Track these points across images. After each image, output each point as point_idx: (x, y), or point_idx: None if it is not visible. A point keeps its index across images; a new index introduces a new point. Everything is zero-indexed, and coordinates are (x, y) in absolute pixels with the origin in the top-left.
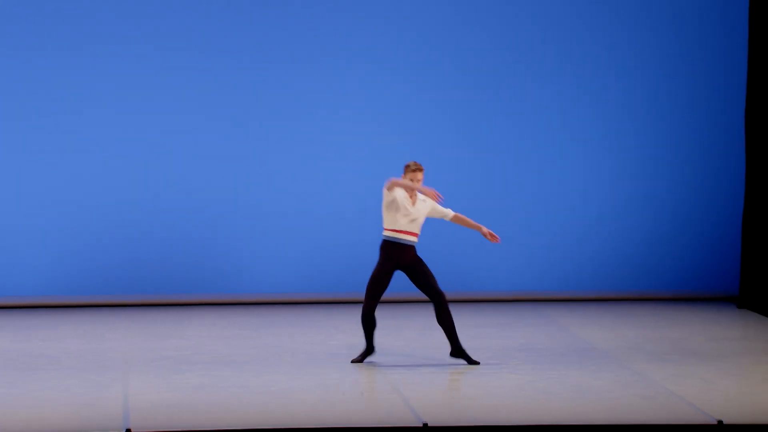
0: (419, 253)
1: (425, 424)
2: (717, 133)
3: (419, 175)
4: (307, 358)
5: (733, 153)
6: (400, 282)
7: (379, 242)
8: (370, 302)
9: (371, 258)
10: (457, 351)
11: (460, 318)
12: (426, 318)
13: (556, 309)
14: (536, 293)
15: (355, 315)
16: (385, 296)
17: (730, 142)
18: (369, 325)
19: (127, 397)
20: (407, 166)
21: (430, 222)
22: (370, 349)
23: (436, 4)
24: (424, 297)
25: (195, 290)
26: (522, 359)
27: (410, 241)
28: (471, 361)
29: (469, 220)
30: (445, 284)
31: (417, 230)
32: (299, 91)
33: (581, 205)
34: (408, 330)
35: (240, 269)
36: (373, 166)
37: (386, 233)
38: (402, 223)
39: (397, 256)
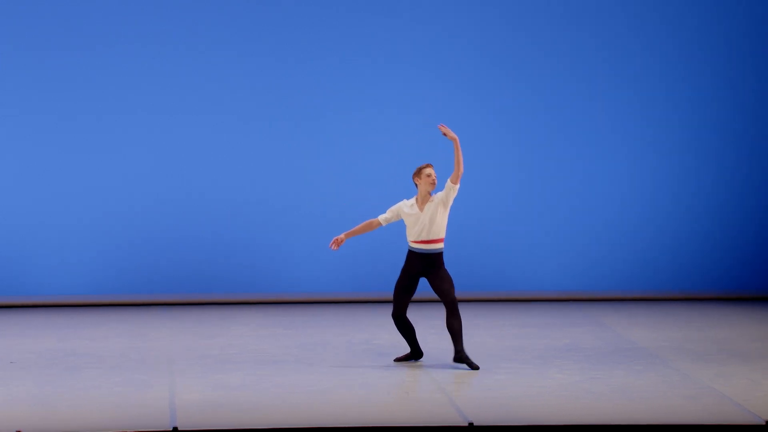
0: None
1: (471, 424)
2: (762, 134)
3: (429, 170)
4: (351, 356)
5: None
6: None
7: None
8: (396, 305)
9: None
10: (459, 357)
11: (506, 318)
12: (469, 317)
13: (601, 309)
14: (581, 293)
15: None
16: (432, 296)
17: None
18: (402, 329)
19: (174, 395)
20: (416, 171)
21: (474, 223)
22: (413, 353)
23: (474, 5)
24: (467, 297)
25: (237, 289)
26: (567, 359)
27: (428, 249)
28: (473, 366)
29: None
30: (487, 284)
31: (435, 236)
32: (334, 90)
33: (626, 204)
34: None
35: (282, 268)
36: (409, 166)
37: (409, 243)
38: (414, 234)
39: (418, 264)
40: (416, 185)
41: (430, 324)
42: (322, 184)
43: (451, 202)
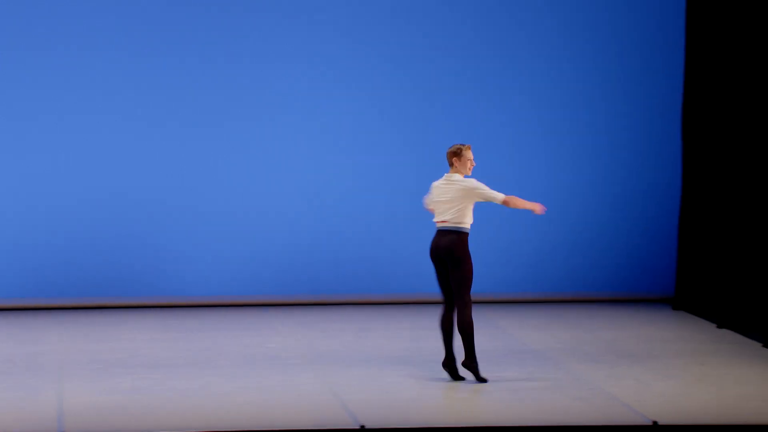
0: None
1: (362, 427)
2: (654, 136)
3: (471, 153)
4: (244, 360)
5: (670, 155)
6: (325, 284)
7: (308, 244)
8: (442, 303)
9: (307, 260)
10: (449, 361)
11: (402, 321)
12: (361, 320)
13: (496, 311)
14: (476, 295)
15: (293, 317)
16: (320, 299)
17: (667, 144)
18: (441, 330)
19: (62, 400)
20: (459, 150)
21: (372, 225)
22: (446, 357)
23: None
24: (358, 298)
25: (130, 293)
26: (460, 361)
27: (439, 226)
28: (456, 377)
29: (520, 206)
30: (385, 287)
31: (445, 216)
32: (239, 93)
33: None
34: (344, 332)
35: (176, 272)
36: (310, 168)
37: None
38: (435, 209)
39: (434, 244)
40: (450, 164)
41: (318, 326)
42: (222, 187)
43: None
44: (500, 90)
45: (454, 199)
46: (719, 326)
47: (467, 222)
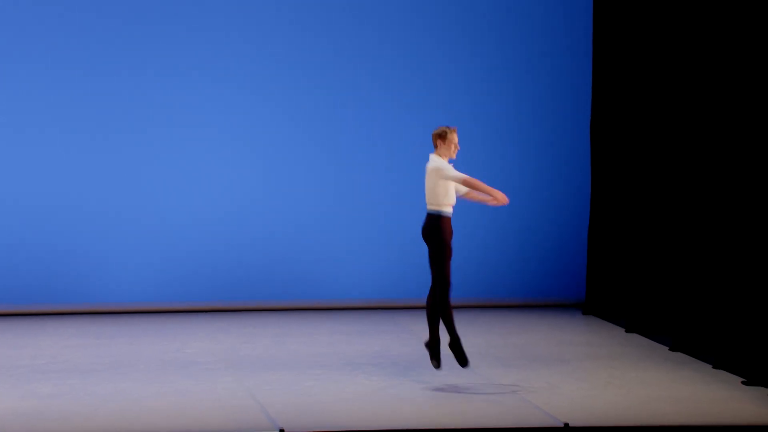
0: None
1: (282, 430)
2: (563, 141)
3: (455, 136)
4: (162, 365)
5: (579, 161)
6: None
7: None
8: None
9: (226, 265)
10: (431, 342)
11: (317, 326)
12: (280, 325)
13: (409, 316)
14: (392, 301)
15: (210, 323)
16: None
17: (576, 150)
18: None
19: None
20: (444, 133)
21: (290, 230)
22: (429, 337)
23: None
24: (275, 304)
25: (49, 300)
26: (375, 365)
27: (427, 209)
28: (435, 357)
29: (479, 188)
30: (302, 292)
31: (428, 197)
32: (158, 101)
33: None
34: (263, 337)
35: (95, 278)
36: (228, 175)
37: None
38: (453, 196)
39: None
40: (435, 146)
41: (236, 332)
42: (140, 193)
43: (438, 178)
44: (408, 96)
45: (427, 180)
46: (628, 330)
47: (443, 203)
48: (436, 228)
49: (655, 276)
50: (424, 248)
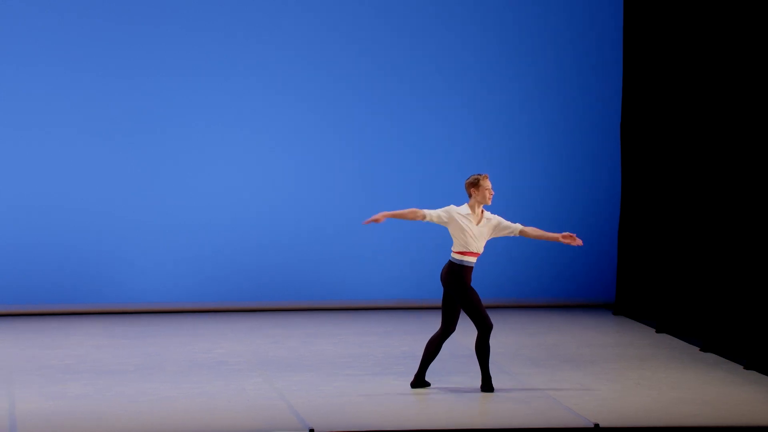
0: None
1: (311, 430)
2: (593, 142)
3: (488, 182)
4: (191, 366)
5: (610, 161)
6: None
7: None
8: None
9: (256, 266)
10: (486, 382)
11: (346, 326)
12: (309, 326)
13: (437, 316)
14: (417, 301)
15: (240, 323)
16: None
17: (607, 150)
18: (425, 349)
19: (13, 406)
20: (476, 181)
21: (316, 232)
22: (416, 375)
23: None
24: (307, 306)
25: (77, 300)
26: (404, 365)
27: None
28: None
29: (541, 232)
30: (331, 293)
31: (478, 251)
32: (179, 102)
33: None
34: (292, 338)
35: (123, 279)
36: (256, 175)
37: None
38: (464, 244)
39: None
40: (469, 195)
41: (267, 332)
42: (167, 195)
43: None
44: (436, 96)
45: (483, 232)
46: (658, 331)
47: (453, 249)
48: (449, 276)
49: (686, 276)
50: (447, 249)
